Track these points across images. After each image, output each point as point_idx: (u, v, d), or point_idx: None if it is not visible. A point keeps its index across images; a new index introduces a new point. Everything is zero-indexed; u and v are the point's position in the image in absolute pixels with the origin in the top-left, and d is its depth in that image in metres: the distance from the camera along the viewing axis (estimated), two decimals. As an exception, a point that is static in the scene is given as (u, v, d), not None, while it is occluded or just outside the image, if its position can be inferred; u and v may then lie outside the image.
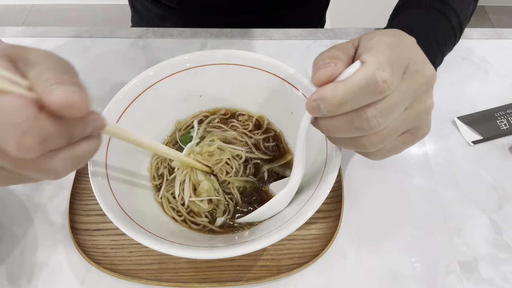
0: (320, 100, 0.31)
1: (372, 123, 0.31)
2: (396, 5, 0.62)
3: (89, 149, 0.30)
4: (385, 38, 0.32)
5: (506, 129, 0.58)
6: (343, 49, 0.34)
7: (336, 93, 0.30)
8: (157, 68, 0.49)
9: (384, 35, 0.33)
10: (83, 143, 0.30)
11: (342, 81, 0.30)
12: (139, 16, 0.86)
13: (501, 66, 0.67)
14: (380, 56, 0.30)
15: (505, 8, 2.17)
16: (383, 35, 0.33)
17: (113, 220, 0.37)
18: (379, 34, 0.34)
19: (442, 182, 0.54)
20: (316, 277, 0.46)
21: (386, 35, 0.33)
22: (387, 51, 0.31)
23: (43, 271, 0.46)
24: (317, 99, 0.31)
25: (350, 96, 0.30)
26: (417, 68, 0.32)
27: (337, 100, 0.30)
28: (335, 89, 0.30)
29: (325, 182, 0.39)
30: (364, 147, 0.34)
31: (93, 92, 0.62)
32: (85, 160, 0.31)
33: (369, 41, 0.33)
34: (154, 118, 0.51)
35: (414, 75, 0.32)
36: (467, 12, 0.56)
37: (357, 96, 0.30)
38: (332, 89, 0.30)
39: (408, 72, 0.32)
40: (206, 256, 0.36)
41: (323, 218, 0.49)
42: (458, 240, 0.49)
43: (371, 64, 0.30)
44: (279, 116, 0.54)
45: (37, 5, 2.26)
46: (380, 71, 0.29)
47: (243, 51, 0.51)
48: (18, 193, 0.52)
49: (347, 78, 0.30)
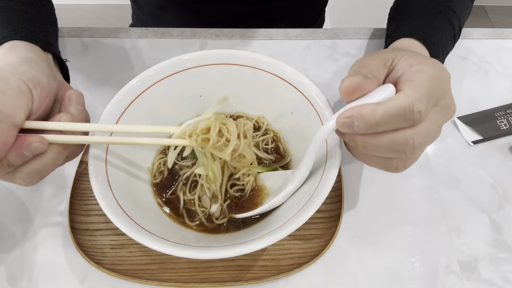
0: (357, 118, 0.33)
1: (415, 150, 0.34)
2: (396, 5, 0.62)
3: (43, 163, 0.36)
4: (426, 69, 0.34)
5: (506, 129, 0.58)
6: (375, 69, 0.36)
7: (375, 115, 0.32)
8: (157, 68, 0.49)
9: (425, 66, 0.35)
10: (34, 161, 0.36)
11: (381, 104, 0.32)
12: (139, 8, 0.86)
13: (501, 66, 0.67)
14: (420, 88, 0.33)
15: (505, 8, 2.17)
16: (424, 65, 0.35)
17: (113, 220, 0.37)
18: (419, 63, 0.35)
19: (442, 182, 0.54)
20: (316, 277, 0.46)
21: (427, 66, 0.35)
22: (428, 85, 0.33)
23: (43, 271, 0.46)
24: (352, 117, 0.33)
25: (386, 119, 0.32)
26: (448, 102, 0.35)
27: (375, 121, 0.32)
28: (374, 111, 0.32)
29: (325, 182, 0.39)
30: (395, 169, 0.37)
31: (93, 92, 0.63)
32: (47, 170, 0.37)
33: (410, 68, 0.35)
34: (154, 118, 0.51)
35: (445, 109, 0.35)
36: (466, 16, 0.57)
37: (392, 121, 0.32)
38: (371, 110, 0.32)
39: (440, 104, 0.35)
40: (206, 256, 0.36)
41: (323, 218, 0.49)
42: (458, 240, 0.49)
43: (411, 94, 0.32)
44: (279, 116, 0.54)
45: (37, 5, 2.26)
46: (418, 102, 0.32)
47: (243, 51, 0.51)
48: (18, 193, 0.52)
49: (386, 102, 0.32)
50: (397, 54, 0.37)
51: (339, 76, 0.65)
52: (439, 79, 0.34)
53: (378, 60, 0.37)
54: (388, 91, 0.33)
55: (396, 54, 0.37)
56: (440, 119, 0.35)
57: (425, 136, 0.34)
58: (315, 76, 0.65)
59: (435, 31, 0.50)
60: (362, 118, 0.32)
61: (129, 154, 0.48)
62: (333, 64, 0.67)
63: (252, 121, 0.55)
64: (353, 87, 0.35)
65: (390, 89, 0.34)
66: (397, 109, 0.32)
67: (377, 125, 0.32)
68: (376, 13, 1.51)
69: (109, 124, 0.45)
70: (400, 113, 0.32)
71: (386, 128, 0.33)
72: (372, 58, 0.38)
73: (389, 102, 0.32)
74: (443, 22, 0.52)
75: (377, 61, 0.37)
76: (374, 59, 0.37)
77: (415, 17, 0.53)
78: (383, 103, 0.32)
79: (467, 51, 0.68)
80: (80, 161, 0.54)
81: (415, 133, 0.33)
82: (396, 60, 0.37)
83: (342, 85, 0.35)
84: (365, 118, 0.32)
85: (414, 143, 0.33)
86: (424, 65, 0.35)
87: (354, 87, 0.35)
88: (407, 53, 0.37)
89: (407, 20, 0.54)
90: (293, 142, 0.52)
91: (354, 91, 0.35)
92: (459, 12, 0.54)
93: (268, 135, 0.53)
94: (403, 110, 0.32)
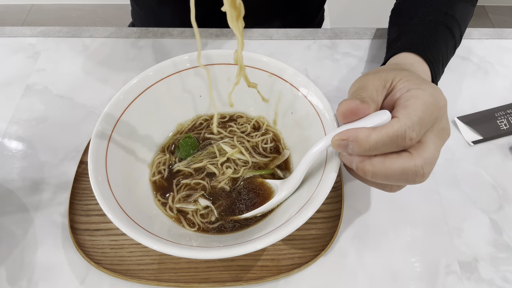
0: (352, 141, 0.35)
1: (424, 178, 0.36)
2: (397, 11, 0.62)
3: None
4: (422, 96, 0.36)
5: (506, 129, 0.58)
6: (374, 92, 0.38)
7: (369, 140, 0.34)
8: (157, 68, 0.49)
9: (422, 92, 0.36)
10: None
11: (375, 130, 0.34)
12: (137, 4, 0.86)
13: (501, 66, 0.67)
14: (413, 116, 0.34)
15: (505, 8, 2.17)
16: (421, 90, 0.36)
17: (113, 220, 0.37)
18: (417, 88, 0.37)
19: (442, 182, 0.54)
20: (316, 277, 0.46)
21: (424, 92, 0.36)
22: (421, 113, 0.35)
23: (43, 271, 0.46)
24: (348, 139, 0.35)
25: (380, 144, 0.34)
26: (443, 126, 0.38)
27: (368, 145, 0.34)
28: (369, 136, 0.34)
29: (325, 182, 0.39)
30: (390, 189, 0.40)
31: (93, 92, 0.63)
32: None
33: (407, 93, 0.37)
34: (154, 118, 0.51)
35: (442, 132, 0.37)
36: (467, 22, 0.58)
37: (385, 146, 0.34)
38: (366, 135, 0.34)
39: (436, 129, 0.37)
40: (206, 256, 0.36)
41: (323, 218, 0.49)
42: (458, 240, 0.49)
43: (404, 122, 0.34)
44: (278, 116, 0.54)
45: (37, 5, 2.26)
46: (410, 131, 0.34)
47: (243, 51, 0.51)
48: (18, 193, 0.52)
49: (381, 128, 0.34)
50: (397, 75, 0.39)
51: (339, 76, 0.65)
52: (433, 106, 0.36)
53: (378, 81, 0.39)
54: (384, 117, 0.35)
55: (396, 75, 0.39)
56: (440, 143, 0.37)
57: (431, 162, 0.35)
58: (315, 76, 0.65)
59: (436, 44, 0.51)
60: (357, 142, 0.34)
61: (129, 154, 0.48)
62: (333, 64, 0.67)
63: (252, 121, 0.55)
64: (350, 111, 0.36)
65: (386, 117, 0.35)
66: (391, 136, 0.34)
67: (370, 149, 0.34)
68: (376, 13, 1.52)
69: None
70: (392, 140, 0.34)
71: (377, 152, 0.35)
72: (372, 79, 0.39)
73: (383, 128, 0.34)
74: (444, 33, 0.53)
75: (377, 82, 0.39)
76: (375, 80, 0.39)
77: (416, 28, 0.54)
78: (378, 129, 0.34)
79: (467, 51, 0.68)
80: (80, 161, 0.54)
81: (424, 163, 0.35)
82: (395, 82, 0.38)
83: (340, 108, 0.37)
84: (360, 143, 0.34)
85: (423, 172, 0.35)
86: (421, 90, 0.36)
87: (351, 111, 0.36)
88: (407, 76, 0.39)
89: (408, 29, 0.54)
90: (293, 142, 0.52)
91: (351, 115, 0.37)
92: (460, 19, 0.54)
93: (268, 135, 0.53)
94: (395, 138, 0.34)
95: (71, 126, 0.59)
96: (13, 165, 0.55)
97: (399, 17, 0.61)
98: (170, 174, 0.50)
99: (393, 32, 0.60)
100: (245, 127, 0.54)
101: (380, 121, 0.35)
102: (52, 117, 0.60)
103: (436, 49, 0.50)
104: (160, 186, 0.49)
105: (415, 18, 0.55)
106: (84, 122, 0.59)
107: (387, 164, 0.35)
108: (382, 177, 0.36)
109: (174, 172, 0.50)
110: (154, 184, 0.49)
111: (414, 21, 0.55)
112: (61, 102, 0.62)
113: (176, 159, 0.52)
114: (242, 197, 0.48)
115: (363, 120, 0.36)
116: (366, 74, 0.42)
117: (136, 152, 0.49)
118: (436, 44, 0.51)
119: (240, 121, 0.55)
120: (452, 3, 0.55)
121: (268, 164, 0.51)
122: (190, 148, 0.51)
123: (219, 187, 0.49)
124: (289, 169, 0.51)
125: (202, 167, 0.51)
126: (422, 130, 0.35)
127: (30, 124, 0.59)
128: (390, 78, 0.39)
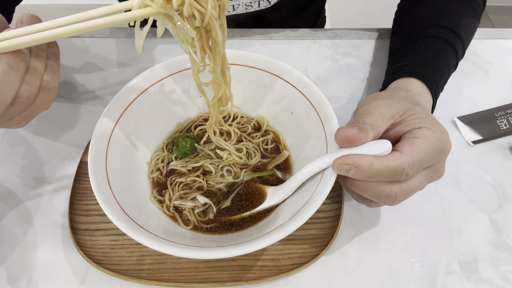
0: (355, 167, 0.36)
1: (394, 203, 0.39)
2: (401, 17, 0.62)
3: None
4: (431, 139, 0.38)
5: (506, 129, 0.58)
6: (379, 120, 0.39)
7: (371, 169, 0.36)
8: (157, 68, 0.49)
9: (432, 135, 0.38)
10: None
11: (377, 160, 0.36)
12: None
13: (501, 66, 0.67)
14: (416, 155, 0.37)
15: (505, 8, 2.17)
16: (431, 132, 0.38)
17: (113, 220, 0.37)
18: (428, 129, 0.39)
19: (442, 182, 0.53)
20: (316, 277, 0.46)
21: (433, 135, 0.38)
22: (424, 155, 0.37)
23: (43, 271, 0.46)
24: (351, 165, 0.37)
25: (379, 174, 0.36)
26: (438, 168, 0.40)
27: (369, 174, 0.36)
28: (372, 165, 0.36)
29: (325, 183, 0.39)
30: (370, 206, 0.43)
31: (93, 92, 0.63)
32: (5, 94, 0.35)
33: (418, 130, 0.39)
34: (154, 117, 0.51)
35: (434, 173, 0.40)
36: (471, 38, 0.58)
37: (383, 176, 0.36)
38: (369, 163, 0.36)
39: (431, 169, 0.39)
40: (206, 256, 0.36)
41: (323, 218, 0.49)
42: (458, 240, 0.49)
43: (406, 159, 0.36)
44: (278, 116, 0.53)
45: (37, 5, 2.26)
46: (409, 168, 0.36)
47: (243, 51, 0.51)
48: (18, 193, 0.52)
49: (383, 159, 0.36)
50: (410, 109, 0.40)
51: (339, 76, 0.65)
52: (437, 151, 0.38)
53: (387, 110, 0.40)
54: (385, 148, 0.37)
55: (409, 108, 0.41)
56: (425, 181, 0.39)
57: (407, 194, 0.38)
58: (315, 76, 0.65)
59: (439, 70, 0.51)
60: (360, 168, 0.36)
61: (129, 154, 0.48)
62: (333, 64, 0.67)
63: (253, 121, 0.55)
64: (346, 139, 0.38)
65: (387, 148, 0.37)
66: (391, 169, 0.36)
67: (370, 177, 0.37)
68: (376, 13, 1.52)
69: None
70: (391, 172, 0.36)
71: (375, 180, 0.37)
72: (382, 106, 0.41)
73: (386, 160, 0.36)
74: (447, 53, 0.53)
75: (386, 110, 0.40)
76: (384, 107, 0.40)
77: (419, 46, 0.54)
78: (381, 160, 0.36)
79: (467, 51, 0.68)
80: (80, 161, 0.54)
81: (399, 190, 0.38)
82: (407, 115, 0.40)
83: (337, 135, 0.39)
84: (362, 170, 0.36)
85: (395, 198, 0.38)
86: (431, 132, 0.38)
87: (346, 139, 0.38)
88: (420, 113, 0.40)
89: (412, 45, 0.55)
90: (293, 142, 0.52)
91: (347, 142, 0.38)
92: (465, 37, 0.55)
93: (268, 136, 0.53)
94: (394, 171, 0.36)
95: (71, 126, 0.59)
96: (13, 165, 0.55)
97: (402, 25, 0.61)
98: (169, 172, 0.50)
99: (395, 41, 0.60)
100: (246, 127, 0.54)
101: (380, 151, 0.37)
102: (52, 117, 0.60)
103: (440, 75, 0.51)
104: (158, 184, 0.49)
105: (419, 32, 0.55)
106: (84, 122, 0.59)
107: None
108: (359, 189, 0.39)
109: (170, 170, 0.50)
110: (153, 182, 0.49)
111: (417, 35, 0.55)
112: (61, 102, 0.62)
113: (173, 157, 0.51)
114: (239, 198, 0.48)
115: (363, 146, 0.38)
116: (376, 98, 0.43)
117: (136, 152, 0.49)
118: (440, 69, 0.52)
119: (241, 121, 0.55)
120: (458, 19, 0.55)
121: (267, 165, 0.51)
122: (188, 148, 0.51)
123: (216, 187, 0.49)
124: (289, 169, 0.51)
125: (199, 167, 0.51)
126: (420, 169, 0.37)
127: (30, 124, 0.59)
128: (402, 110, 0.40)
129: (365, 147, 0.38)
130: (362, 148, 0.38)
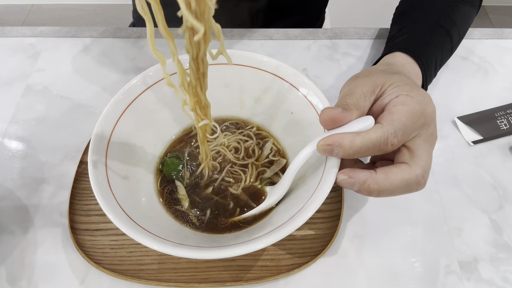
0: (337, 146, 0.36)
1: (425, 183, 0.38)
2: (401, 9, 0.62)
3: None
4: (410, 103, 0.37)
5: (506, 129, 0.58)
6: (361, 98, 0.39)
7: (353, 145, 0.35)
8: (157, 68, 0.49)
9: (410, 99, 0.37)
10: None
11: (359, 136, 0.36)
12: None
13: (501, 66, 0.67)
14: (396, 123, 0.36)
15: (505, 8, 2.17)
16: (409, 97, 0.38)
17: (113, 220, 0.37)
18: (406, 95, 0.38)
19: (442, 182, 0.54)
20: (316, 277, 0.46)
21: (412, 99, 0.37)
22: (405, 120, 0.36)
23: (43, 271, 0.46)
24: (333, 145, 0.36)
25: (363, 149, 0.36)
26: (431, 132, 0.39)
27: (352, 150, 0.36)
28: (353, 142, 0.35)
29: (325, 182, 0.39)
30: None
31: (93, 92, 0.63)
32: None
33: (395, 99, 0.38)
34: (154, 118, 0.51)
35: (430, 137, 0.39)
36: (468, 25, 0.58)
37: (368, 150, 0.36)
38: (350, 141, 0.36)
39: (424, 135, 0.38)
40: (206, 256, 0.36)
41: (323, 218, 0.49)
42: (458, 240, 0.49)
43: (387, 128, 0.36)
44: (278, 117, 0.53)
45: (37, 5, 2.26)
46: (392, 137, 0.36)
47: (243, 51, 0.51)
48: (18, 193, 0.52)
49: (364, 134, 0.36)
50: (387, 80, 0.40)
51: (339, 76, 0.65)
52: (419, 114, 0.37)
53: (367, 86, 0.39)
54: (367, 123, 0.37)
55: (387, 80, 0.40)
56: (430, 148, 0.39)
57: (429, 169, 0.37)
58: (315, 76, 0.65)
59: (430, 46, 0.51)
60: (342, 147, 0.36)
61: (129, 153, 0.48)
62: (333, 64, 0.67)
63: (253, 128, 0.54)
64: (330, 120, 0.38)
65: (369, 122, 0.37)
66: (373, 141, 0.35)
67: (354, 154, 0.36)
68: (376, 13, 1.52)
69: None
70: (375, 145, 0.36)
71: (360, 156, 0.37)
72: (361, 84, 0.40)
73: (367, 134, 0.36)
74: (441, 35, 0.53)
75: (366, 87, 0.39)
76: (364, 85, 0.40)
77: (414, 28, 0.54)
78: (362, 135, 0.36)
79: (467, 51, 0.68)
80: (80, 161, 0.54)
81: (423, 171, 0.37)
82: (385, 87, 0.39)
83: (321, 116, 0.38)
84: (344, 148, 0.36)
85: (424, 180, 0.37)
86: (409, 97, 0.37)
87: (331, 120, 0.38)
88: (397, 81, 0.39)
89: (407, 29, 0.55)
90: (293, 142, 0.52)
91: (332, 123, 0.38)
92: (460, 22, 0.55)
93: (268, 138, 0.53)
94: (378, 143, 0.36)
95: (71, 126, 0.59)
96: (13, 165, 0.55)
97: (401, 15, 0.61)
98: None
99: (393, 29, 0.60)
100: (247, 133, 0.54)
101: (362, 127, 0.37)
102: (52, 117, 0.60)
103: (430, 51, 0.50)
104: (159, 184, 0.49)
105: (416, 19, 0.56)
106: (84, 122, 0.59)
107: (390, 179, 0.36)
108: (388, 193, 0.37)
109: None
110: (154, 183, 0.49)
111: (414, 21, 0.55)
112: (61, 102, 0.62)
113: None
114: (238, 199, 0.48)
115: (346, 126, 0.38)
116: (356, 77, 0.42)
117: (137, 152, 0.49)
118: (430, 45, 0.51)
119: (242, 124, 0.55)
120: (453, 5, 0.55)
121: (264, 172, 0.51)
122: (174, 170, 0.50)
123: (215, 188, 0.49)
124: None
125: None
126: (404, 136, 0.36)
127: (30, 124, 0.59)
128: (380, 83, 0.40)
129: (347, 126, 0.38)
130: (345, 128, 0.38)
